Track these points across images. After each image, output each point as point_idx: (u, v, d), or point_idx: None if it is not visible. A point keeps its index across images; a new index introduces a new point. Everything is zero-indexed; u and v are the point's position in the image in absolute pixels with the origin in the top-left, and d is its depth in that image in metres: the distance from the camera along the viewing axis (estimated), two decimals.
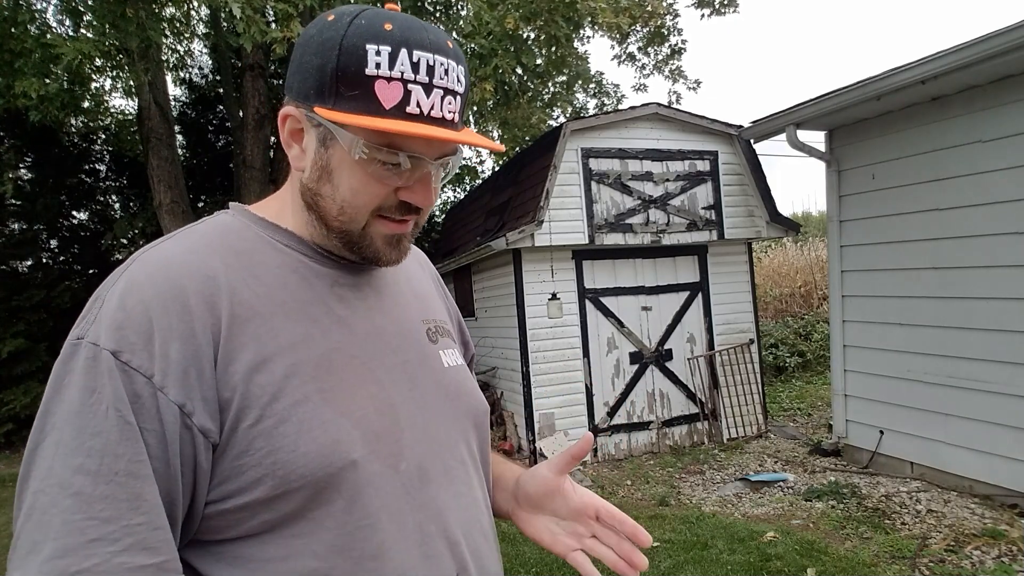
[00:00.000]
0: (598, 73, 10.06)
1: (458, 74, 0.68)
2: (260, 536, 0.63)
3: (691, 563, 3.50)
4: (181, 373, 0.60)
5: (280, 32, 4.87)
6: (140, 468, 0.57)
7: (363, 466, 0.65)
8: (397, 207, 0.70)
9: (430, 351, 0.80)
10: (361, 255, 0.73)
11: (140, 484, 0.57)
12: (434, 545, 0.69)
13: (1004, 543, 3.36)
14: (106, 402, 0.57)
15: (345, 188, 0.68)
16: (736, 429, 6.17)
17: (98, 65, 6.09)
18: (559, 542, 0.81)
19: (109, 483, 0.56)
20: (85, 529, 0.54)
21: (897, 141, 4.52)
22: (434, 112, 0.65)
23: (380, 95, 0.63)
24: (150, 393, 0.58)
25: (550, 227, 5.58)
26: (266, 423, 0.62)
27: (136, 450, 0.57)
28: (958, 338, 4.16)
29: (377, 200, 0.69)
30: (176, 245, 0.68)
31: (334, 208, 0.70)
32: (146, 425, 0.58)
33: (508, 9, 5.75)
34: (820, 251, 11.39)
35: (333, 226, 0.71)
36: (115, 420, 0.57)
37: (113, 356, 0.58)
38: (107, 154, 10.24)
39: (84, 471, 0.56)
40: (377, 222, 0.71)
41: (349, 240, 0.72)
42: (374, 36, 0.64)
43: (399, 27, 0.65)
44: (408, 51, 0.64)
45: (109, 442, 0.56)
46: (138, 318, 0.60)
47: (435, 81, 0.65)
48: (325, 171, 0.69)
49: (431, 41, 0.65)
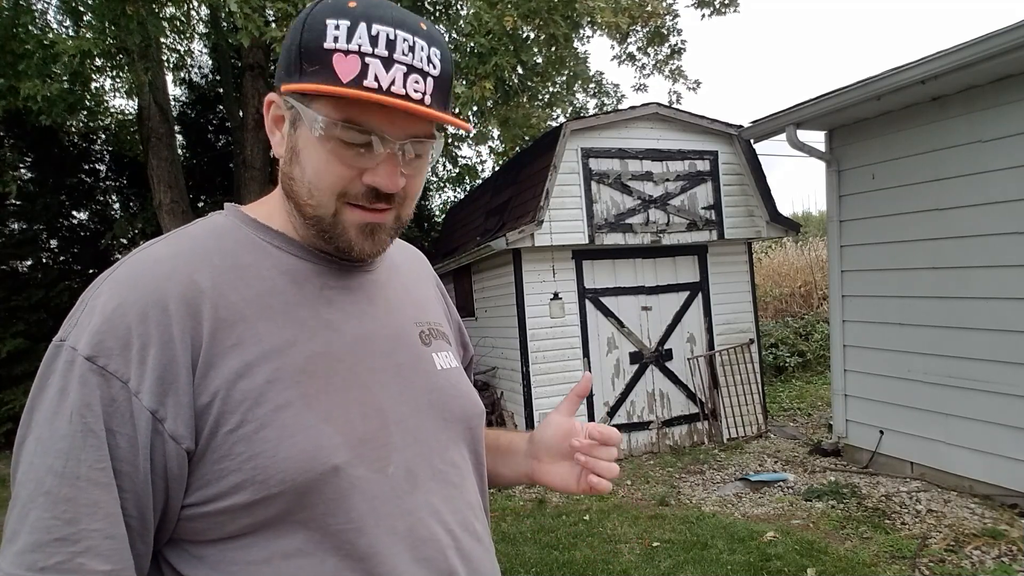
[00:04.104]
0: (598, 73, 10.05)
1: (428, 54, 0.66)
2: (242, 539, 0.63)
3: (691, 563, 3.50)
4: (156, 379, 0.60)
5: (279, 31, 4.87)
6: (99, 475, 0.58)
7: (346, 471, 0.65)
8: (364, 194, 0.68)
9: (422, 354, 0.79)
10: (334, 245, 0.71)
11: (98, 492, 0.58)
12: (425, 549, 0.69)
13: (1004, 543, 3.36)
14: (71, 407, 0.58)
15: (310, 169, 0.68)
16: (736, 429, 6.17)
17: (98, 65, 6.08)
18: (582, 481, 0.86)
19: (72, 486, 0.57)
20: (51, 528, 0.56)
21: (897, 141, 4.52)
22: (395, 88, 0.63)
23: (338, 69, 0.63)
24: (125, 398, 0.59)
25: (550, 227, 5.58)
26: (247, 428, 0.62)
27: (97, 456, 0.58)
28: (958, 338, 4.16)
29: (341, 182, 0.67)
30: (164, 248, 0.68)
31: (304, 191, 0.69)
32: (119, 429, 0.59)
33: (507, 8, 5.74)
34: (820, 251, 11.39)
35: (306, 212, 0.70)
36: (79, 426, 0.58)
37: (89, 361, 0.59)
38: (107, 154, 10.24)
39: (53, 472, 0.57)
40: (347, 210, 0.69)
41: (321, 228, 0.70)
42: (335, 11, 0.64)
43: (363, 4, 0.65)
44: (367, 24, 0.63)
45: (73, 447, 0.57)
46: (117, 323, 0.60)
47: (396, 56, 0.64)
48: (294, 152, 0.69)
49: (393, 17, 0.65)
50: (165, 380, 0.60)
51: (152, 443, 0.60)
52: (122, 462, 0.59)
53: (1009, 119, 3.79)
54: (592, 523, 4.24)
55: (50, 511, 0.56)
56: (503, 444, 0.95)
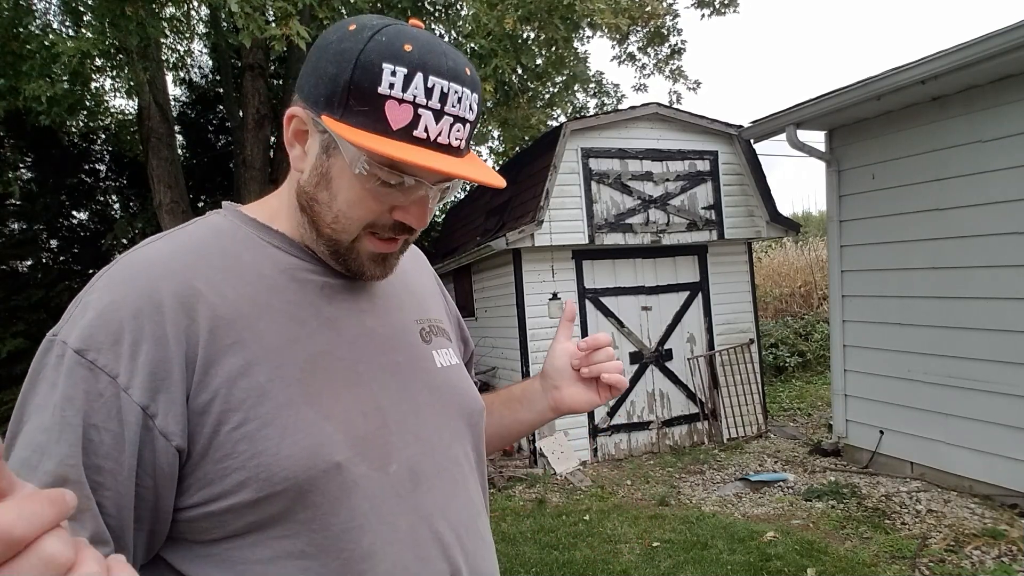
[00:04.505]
0: (598, 73, 10.05)
1: (471, 102, 0.67)
2: (246, 537, 0.63)
3: (691, 563, 3.50)
4: (148, 375, 0.60)
5: (279, 30, 4.86)
6: (69, 472, 0.56)
7: (348, 469, 0.65)
8: (391, 226, 0.70)
9: (423, 351, 0.80)
10: (345, 267, 0.73)
11: (69, 487, 0.56)
12: (427, 547, 0.69)
13: (1004, 543, 3.36)
14: (55, 401, 0.58)
15: (342, 199, 0.69)
16: (736, 429, 6.17)
17: (98, 65, 6.08)
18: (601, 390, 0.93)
19: (40, 481, 0.56)
20: None
21: (897, 141, 4.52)
22: (441, 139, 0.65)
23: (389, 115, 0.63)
24: (113, 393, 0.59)
25: (550, 227, 5.58)
26: (249, 426, 0.62)
27: (70, 452, 0.57)
28: (958, 338, 4.16)
29: (371, 216, 0.69)
30: (162, 246, 0.68)
31: (328, 216, 0.70)
32: (103, 424, 0.58)
33: (507, 9, 5.74)
34: (820, 251, 11.39)
35: (324, 232, 0.71)
36: (58, 419, 0.57)
37: (78, 355, 0.59)
38: (107, 154, 10.24)
39: (28, 465, 0.57)
40: (367, 238, 0.71)
41: (336, 250, 0.72)
42: (392, 56, 0.63)
43: (419, 50, 0.64)
44: (424, 76, 0.63)
45: (49, 440, 0.57)
46: (109, 319, 0.60)
47: (447, 108, 0.65)
48: (324, 178, 0.69)
49: (449, 68, 0.65)
50: (157, 377, 0.60)
51: (141, 439, 0.59)
52: (104, 458, 0.58)
53: (1009, 119, 3.79)
54: (592, 523, 4.24)
55: None
56: (516, 393, 0.98)
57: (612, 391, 0.91)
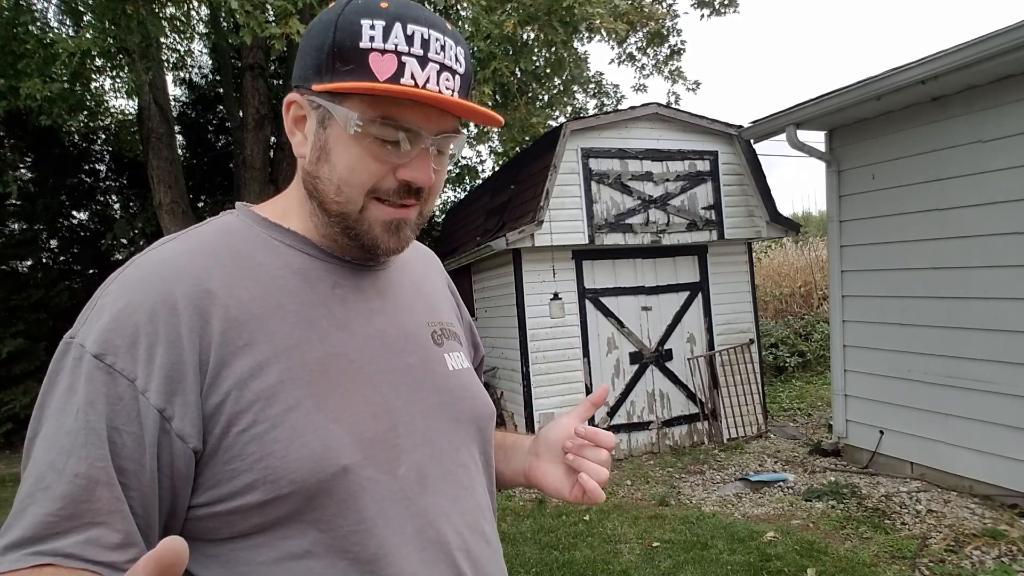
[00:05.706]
0: (597, 74, 10.08)
1: (456, 53, 0.68)
2: (253, 538, 0.64)
3: (691, 563, 3.50)
4: (164, 378, 0.60)
5: (279, 29, 4.86)
6: (100, 474, 0.57)
7: (356, 472, 0.65)
8: (396, 190, 0.69)
9: (434, 354, 0.79)
10: (359, 242, 0.72)
11: (101, 490, 0.57)
12: (434, 550, 0.69)
13: (1004, 543, 3.36)
14: (77, 404, 0.58)
15: (342, 166, 0.68)
16: (736, 429, 6.16)
17: (98, 65, 6.08)
18: (575, 488, 0.82)
19: (71, 483, 0.56)
20: (48, 524, 0.56)
21: (897, 141, 4.52)
22: (430, 85, 0.65)
23: (374, 67, 0.64)
24: (132, 396, 0.59)
25: (550, 227, 5.58)
26: (258, 428, 0.62)
27: (99, 455, 0.57)
28: (958, 338, 4.16)
29: (374, 178, 0.68)
30: (176, 247, 0.68)
31: (331, 189, 0.69)
32: (125, 427, 0.59)
33: (507, 12, 5.75)
34: (820, 251, 11.39)
35: (331, 209, 0.70)
36: (83, 423, 0.58)
37: (97, 359, 0.59)
38: (107, 154, 10.24)
39: (54, 468, 0.57)
40: (375, 205, 0.70)
41: (347, 225, 0.71)
42: (369, 12, 0.65)
43: (394, 3, 0.66)
44: (402, 24, 0.64)
45: (76, 444, 0.57)
46: (125, 322, 0.61)
47: (430, 55, 0.65)
48: (324, 151, 0.69)
49: (425, 17, 0.66)
50: (173, 379, 0.61)
51: (159, 442, 0.60)
52: (128, 460, 0.59)
53: (1009, 119, 3.79)
54: (592, 523, 4.24)
55: (47, 507, 0.56)
56: (508, 442, 0.95)
57: (584, 495, 0.81)
